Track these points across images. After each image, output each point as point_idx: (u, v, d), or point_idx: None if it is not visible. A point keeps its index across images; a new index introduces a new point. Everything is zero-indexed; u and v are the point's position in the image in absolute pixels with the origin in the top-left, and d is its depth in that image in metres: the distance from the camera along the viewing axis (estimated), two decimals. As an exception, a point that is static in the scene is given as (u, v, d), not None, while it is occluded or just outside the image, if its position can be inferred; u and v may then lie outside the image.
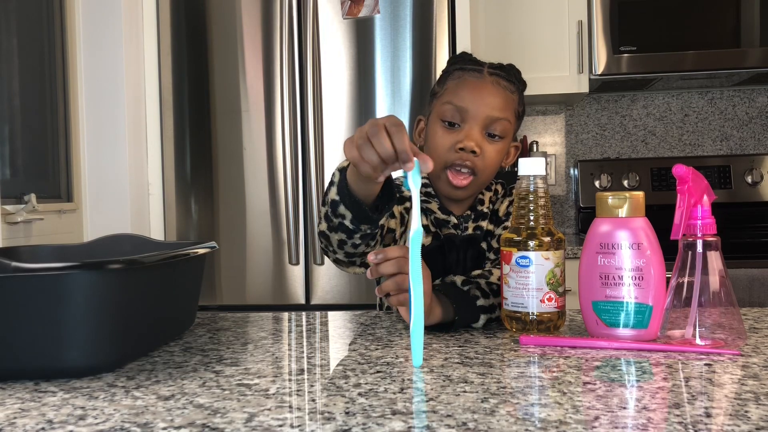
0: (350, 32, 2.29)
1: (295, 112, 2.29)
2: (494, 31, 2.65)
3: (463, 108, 1.18)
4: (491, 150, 1.19)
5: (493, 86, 1.20)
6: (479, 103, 1.18)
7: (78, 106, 2.28)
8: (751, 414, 0.61)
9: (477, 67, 1.23)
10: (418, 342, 0.79)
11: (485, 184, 1.24)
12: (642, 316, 0.89)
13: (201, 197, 2.37)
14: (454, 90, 1.21)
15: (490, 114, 1.18)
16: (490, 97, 1.18)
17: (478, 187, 1.22)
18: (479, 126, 1.18)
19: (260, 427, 0.60)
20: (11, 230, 1.91)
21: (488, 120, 1.18)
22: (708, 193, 0.87)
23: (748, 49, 2.52)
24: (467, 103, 1.18)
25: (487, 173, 1.20)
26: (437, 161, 1.19)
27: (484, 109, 1.17)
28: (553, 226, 0.98)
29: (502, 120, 1.19)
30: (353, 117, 2.30)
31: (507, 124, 1.20)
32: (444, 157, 1.18)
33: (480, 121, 1.18)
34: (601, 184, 2.85)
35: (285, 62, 2.29)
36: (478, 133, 1.17)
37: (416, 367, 0.79)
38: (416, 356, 0.79)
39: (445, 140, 1.19)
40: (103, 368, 0.79)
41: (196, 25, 2.36)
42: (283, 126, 2.29)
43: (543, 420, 0.60)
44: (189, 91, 2.37)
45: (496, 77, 1.21)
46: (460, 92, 1.19)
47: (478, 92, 1.19)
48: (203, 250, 0.96)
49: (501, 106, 1.19)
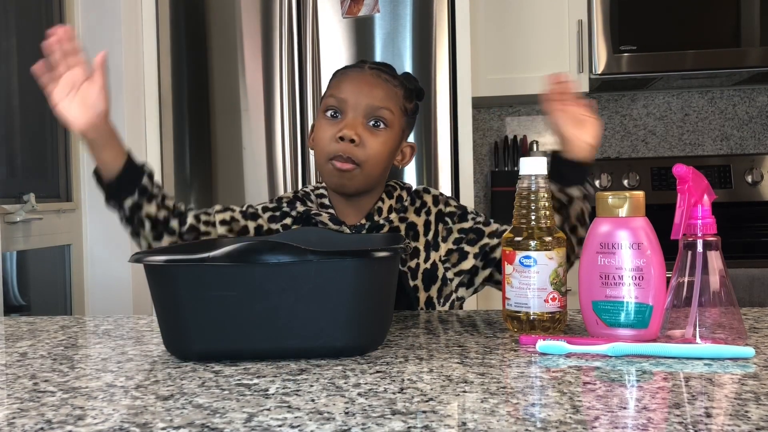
0: (350, 31, 2.29)
1: (295, 111, 2.29)
2: (494, 30, 2.65)
3: (343, 99, 1.20)
4: (373, 140, 1.19)
5: (374, 78, 1.22)
6: (358, 93, 1.20)
7: (77, 105, 2.27)
8: (751, 414, 0.61)
9: (359, 65, 1.26)
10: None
11: (373, 178, 1.22)
12: (642, 316, 0.88)
13: (200, 197, 2.37)
14: (335, 85, 1.24)
15: (370, 103, 1.19)
16: (369, 87, 1.20)
17: (365, 179, 1.20)
18: (360, 116, 1.19)
19: (260, 427, 0.60)
20: (10, 230, 1.91)
21: (369, 109, 1.19)
22: (708, 193, 0.87)
23: (748, 49, 2.52)
24: (347, 94, 1.20)
25: (371, 164, 1.19)
26: (322, 153, 1.21)
27: (364, 99, 1.19)
28: (554, 226, 0.98)
29: (383, 109, 1.20)
30: (353, 116, 2.29)
31: (389, 114, 1.20)
32: (327, 148, 1.19)
33: (360, 110, 1.19)
34: (601, 184, 2.85)
35: (285, 61, 2.28)
36: (358, 122, 1.19)
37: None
38: None
39: (326, 132, 1.20)
40: (368, 348, 0.86)
41: (196, 25, 2.36)
42: (283, 126, 2.29)
43: (543, 420, 0.60)
44: (188, 91, 2.36)
45: (377, 71, 1.23)
46: (341, 85, 1.22)
47: (358, 83, 1.21)
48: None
49: (381, 96, 1.20)
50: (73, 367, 0.83)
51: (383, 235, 1.18)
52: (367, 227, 1.23)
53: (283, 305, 0.81)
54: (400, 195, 1.27)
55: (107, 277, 2.27)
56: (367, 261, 0.83)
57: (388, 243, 1.03)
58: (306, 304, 0.81)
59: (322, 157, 1.20)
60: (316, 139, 1.23)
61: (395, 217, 1.24)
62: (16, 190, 1.98)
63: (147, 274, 0.86)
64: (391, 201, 1.26)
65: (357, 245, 1.07)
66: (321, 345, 0.83)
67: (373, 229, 1.23)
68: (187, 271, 0.82)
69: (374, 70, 1.23)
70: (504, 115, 3.02)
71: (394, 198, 1.26)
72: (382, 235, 1.14)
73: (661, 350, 0.81)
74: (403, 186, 1.30)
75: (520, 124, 3.02)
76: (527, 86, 2.64)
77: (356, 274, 0.82)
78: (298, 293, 0.81)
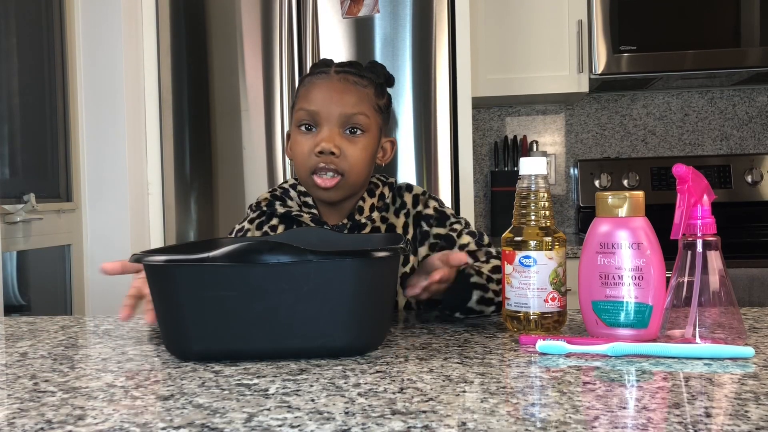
0: (350, 31, 2.29)
1: (294, 111, 2.29)
2: (494, 30, 2.65)
3: (315, 111, 1.18)
4: (353, 148, 1.17)
5: (342, 83, 1.19)
6: (329, 103, 1.17)
7: (77, 105, 2.28)
8: (751, 414, 0.61)
9: (324, 69, 1.22)
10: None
11: (358, 185, 1.21)
12: (642, 316, 0.88)
13: (201, 197, 2.37)
14: (305, 96, 1.21)
15: (342, 111, 1.17)
16: (339, 94, 1.18)
17: (350, 186, 1.19)
18: (335, 126, 1.17)
19: (259, 427, 0.60)
20: (10, 230, 1.91)
21: (342, 117, 1.17)
22: (708, 193, 0.87)
23: (748, 49, 2.52)
24: (318, 106, 1.18)
25: (354, 172, 1.18)
26: (303, 167, 1.19)
27: (336, 108, 1.17)
28: (554, 226, 0.98)
29: (358, 115, 1.18)
30: (353, 116, 2.29)
31: (364, 119, 1.18)
32: (306, 163, 1.18)
33: (334, 120, 1.17)
34: (601, 184, 2.84)
35: (285, 61, 2.28)
36: (335, 133, 1.17)
37: None
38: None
39: (304, 146, 1.18)
40: (368, 348, 0.87)
41: (196, 25, 2.36)
42: (283, 126, 2.29)
43: (543, 420, 0.60)
44: (188, 91, 2.36)
45: (344, 74, 1.20)
46: (310, 96, 1.19)
47: (327, 92, 1.18)
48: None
49: (353, 102, 1.18)
50: (73, 367, 0.83)
51: (384, 235, 1.17)
52: (349, 227, 1.22)
53: (283, 305, 0.81)
54: (382, 192, 1.25)
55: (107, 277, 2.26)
56: (366, 261, 0.83)
57: (388, 243, 1.03)
58: (306, 305, 0.81)
59: (304, 171, 1.19)
60: (294, 152, 1.21)
61: (377, 216, 1.23)
62: (16, 190, 1.98)
63: (147, 274, 0.86)
64: (372, 199, 1.24)
65: (357, 245, 1.07)
66: (321, 345, 0.83)
67: (355, 228, 1.21)
68: (187, 271, 0.82)
69: (341, 74, 1.20)
70: (504, 115, 3.02)
71: (376, 196, 1.25)
72: (382, 235, 1.14)
73: (660, 350, 0.81)
74: (386, 181, 1.28)
75: (520, 124, 3.02)
76: (527, 86, 2.65)
77: (356, 275, 0.82)
78: (297, 293, 0.81)
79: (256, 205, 1.28)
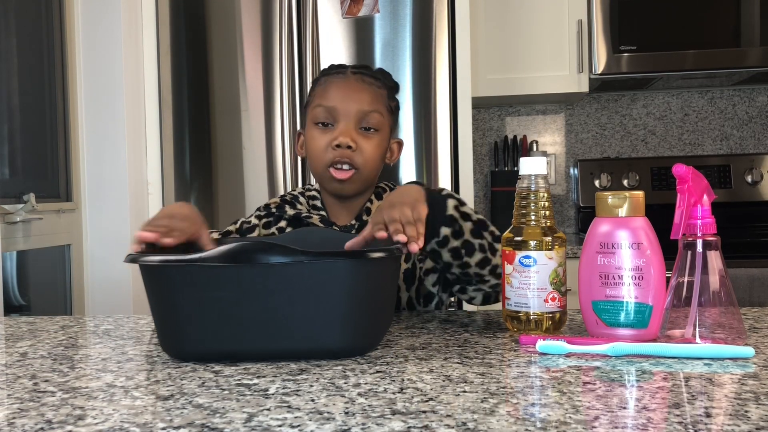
0: (350, 31, 2.29)
1: (294, 111, 2.29)
2: (494, 30, 2.65)
3: (333, 107, 1.21)
4: (368, 144, 1.21)
5: (358, 83, 1.24)
6: (347, 100, 1.21)
7: (77, 105, 2.28)
8: (751, 414, 0.61)
9: (341, 70, 1.27)
10: None
11: (370, 180, 1.26)
12: (642, 316, 0.88)
13: (200, 197, 2.37)
14: (322, 94, 1.24)
15: (360, 108, 1.21)
16: (356, 93, 1.22)
17: (363, 182, 1.23)
18: (352, 122, 1.21)
19: (259, 427, 0.60)
20: (10, 230, 1.91)
21: (360, 114, 1.21)
22: (708, 193, 0.87)
23: (748, 49, 2.52)
24: (336, 102, 1.21)
25: (368, 167, 1.22)
26: (319, 162, 1.22)
27: (353, 105, 1.21)
28: (554, 226, 0.97)
29: (373, 112, 1.22)
30: (353, 116, 2.29)
31: (379, 117, 1.23)
32: (323, 157, 1.21)
33: (352, 117, 1.21)
34: (601, 184, 2.84)
35: (285, 61, 2.28)
36: (352, 129, 1.21)
37: None
38: None
39: (321, 141, 1.22)
40: (364, 350, 0.86)
41: (196, 25, 2.36)
42: (283, 126, 2.29)
43: (543, 420, 0.60)
44: (188, 91, 2.36)
45: (360, 75, 1.25)
46: (328, 94, 1.23)
47: (345, 90, 1.23)
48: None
49: (369, 100, 1.22)
50: (73, 367, 0.83)
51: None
52: (357, 227, 1.24)
53: (276, 306, 0.81)
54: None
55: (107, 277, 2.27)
56: (360, 262, 0.83)
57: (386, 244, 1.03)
58: (300, 306, 0.81)
59: (320, 165, 1.22)
60: (309, 149, 1.25)
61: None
62: (16, 190, 1.98)
63: (142, 274, 0.86)
64: (379, 201, 1.27)
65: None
66: (316, 347, 0.82)
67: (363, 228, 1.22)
68: (180, 271, 0.82)
69: (357, 74, 1.25)
70: (504, 115, 3.02)
71: (383, 199, 1.27)
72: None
73: (660, 350, 0.81)
74: (393, 187, 1.32)
75: (520, 124, 3.02)
76: (527, 86, 2.64)
77: (349, 276, 0.82)
78: (291, 294, 0.81)
79: (265, 206, 1.31)
